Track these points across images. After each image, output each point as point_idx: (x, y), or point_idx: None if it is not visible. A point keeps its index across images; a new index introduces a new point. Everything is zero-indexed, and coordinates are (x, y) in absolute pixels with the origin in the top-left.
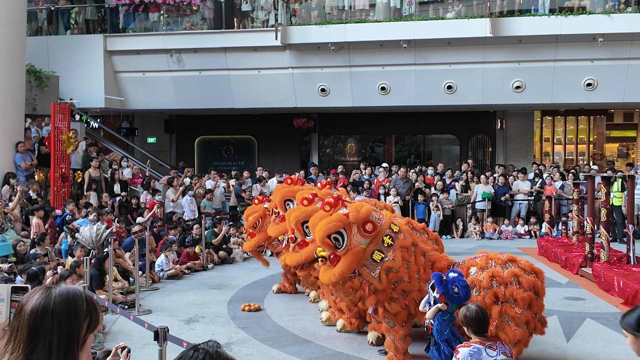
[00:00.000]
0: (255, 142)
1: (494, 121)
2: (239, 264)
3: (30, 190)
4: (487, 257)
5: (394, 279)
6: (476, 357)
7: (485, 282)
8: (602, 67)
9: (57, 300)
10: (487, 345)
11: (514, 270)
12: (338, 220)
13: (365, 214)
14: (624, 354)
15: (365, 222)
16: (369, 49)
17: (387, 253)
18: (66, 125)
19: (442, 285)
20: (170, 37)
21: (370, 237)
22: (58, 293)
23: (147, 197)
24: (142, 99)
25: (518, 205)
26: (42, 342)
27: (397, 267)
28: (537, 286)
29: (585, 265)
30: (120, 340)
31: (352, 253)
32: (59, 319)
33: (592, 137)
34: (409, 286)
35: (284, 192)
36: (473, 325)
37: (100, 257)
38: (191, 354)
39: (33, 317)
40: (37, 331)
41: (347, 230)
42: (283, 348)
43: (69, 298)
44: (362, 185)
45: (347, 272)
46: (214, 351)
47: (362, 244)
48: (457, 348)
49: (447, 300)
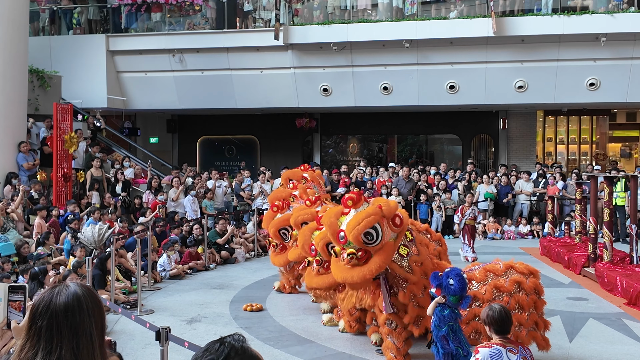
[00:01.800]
0: (257, 142)
1: (496, 121)
2: (241, 264)
3: (32, 190)
4: (485, 270)
5: (422, 271)
6: (496, 358)
7: (488, 295)
8: (605, 66)
9: (87, 295)
10: (508, 348)
11: (515, 278)
12: (375, 213)
13: (395, 206)
14: (627, 354)
15: (394, 216)
16: (371, 48)
17: (410, 247)
18: (68, 125)
19: (437, 279)
20: (173, 37)
21: (398, 231)
22: (84, 290)
23: (150, 197)
24: (145, 99)
25: (520, 205)
26: (84, 338)
27: (423, 260)
28: (538, 287)
29: (588, 265)
30: (122, 341)
31: (388, 247)
32: (94, 314)
33: (595, 137)
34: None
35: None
36: (495, 324)
37: (103, 257)
38: (217, 347)
39: (71, 314)
40: (76, 328)
41: (381, 223)
42: (285, 348)
43: (92, 293)
44: (364, 185)
45: (383, 266)
46: (239, 345)
47: (391, 238)
48: (477, 348)
49: (443, 292)
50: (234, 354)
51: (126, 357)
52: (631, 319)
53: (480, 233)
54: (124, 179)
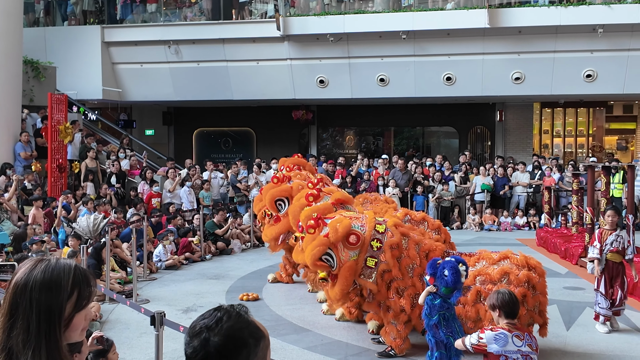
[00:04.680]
0: (253, 134)
1: (493, 113)
2: (237, 254)
3: (26, 181)
4: (480, 257)
5: (388, 279)
6: (502, 342)
7: (470, 280)
8: (602, 58)
9: (38, 275)
10: (514, 334)
11: (504, 268)
12: (320, 244)
13: (344, 229)
14: (623, 342)
15: (348, 236)
16: (367, 40)
17: (379, 257)
18: (63, 116)
19: (433, 267)
20: (168, 28)
21: (358, 248)
22: (42, 268)
23: (145, 188)
24: (140, 91)
25: (517, 197)
26: (21, 319)
27: (390, 267)
28: (531, 279)
29: (584, 255)
30: (118, 330)
31: (345, 269)
32: (38, 296)
33: (592, 129)
34: (402, 283)
35: (273, 192)
36: (506, 306)
37: (97, 246)
38: (211, 312)
39: (13, 292)
40: (17, 307)
41: (333, 249)
42: (281, 337)
43: (52, 274)
44: (361, 177)
45: (346, 288)
46: (234, 312)
47: (352, 257)
48: (483, 329)
49: (436, 282)
50: (227, 319)
51: (121, 346)
52: (628, 307)
53: (476, 225)
54: (119, 170)
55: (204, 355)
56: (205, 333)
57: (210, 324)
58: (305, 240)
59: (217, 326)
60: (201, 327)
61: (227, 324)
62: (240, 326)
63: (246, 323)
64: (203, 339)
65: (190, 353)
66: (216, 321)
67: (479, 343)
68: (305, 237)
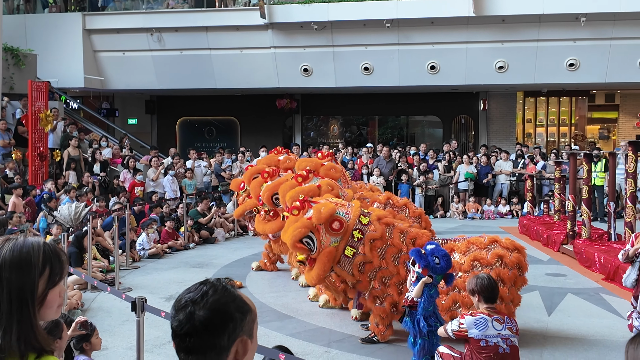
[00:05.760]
0: (237, 123)
1: (476, 102)
2: (220, 243)
3: (7, 169)
4: (468, 242)
5: (369, 270)
6: (482, 326)
7: (466, 265)
8: (585, 47)
9: (7, 254)
10: (494, 317)
11: (498, 251)
12: (302, 226)
13: (328, 213)
14: (604, 327)
15: (331, 221)
16: (352, 28)
17: (358, 247)
18: (44, 103)
19: (422, 258)
20: (151, 15)
21: (340, 235)
22: (11, 247)
23: (127, 177)
24: (122, 79)
25: (500, 185)
26: None
27: (370, 259)
28: (520, 262)
29: (566, 242)
30: (100, 318)
31: (324, 254)
32: (8, 275)
33: (574, 118)
34: (387, 272)
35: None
36: (486, 291)
37: (79, 234)
38: (197, 286)
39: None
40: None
41: (314, 233)
42: (265, 324)
43: (21, 252)
44: (345, 166)
45: (322, 274)
46: (220, 286)
47: (333, 243)
48: (463, 315)
49: (430, 272)
50: (213, 292)
51: (103, 333)
52: (609, 293)
53: (460, 213)
54: (102, 159)
55: (190, 329)
56: (191, 307)
57: (196, 297)
58: (288, 221)
59: (203, 300)
60: (187, 301)
61: (213, 298)
62: (226, 300)
63: (232, 297)
64: (188, 313)
65: (175, 326)
66: (202, 295)
67: (459, 329)
68: (288, 218)
